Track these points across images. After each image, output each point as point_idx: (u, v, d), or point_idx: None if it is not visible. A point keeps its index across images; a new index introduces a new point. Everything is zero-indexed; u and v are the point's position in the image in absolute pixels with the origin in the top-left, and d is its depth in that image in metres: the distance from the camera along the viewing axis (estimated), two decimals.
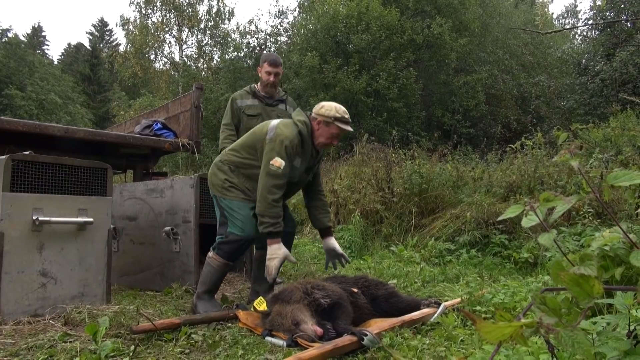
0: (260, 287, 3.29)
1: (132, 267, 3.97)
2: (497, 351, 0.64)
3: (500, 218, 0.99)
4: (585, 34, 20.55)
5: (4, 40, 32.89)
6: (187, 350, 2.23)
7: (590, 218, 4.14)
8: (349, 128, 3.13)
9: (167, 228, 3.66)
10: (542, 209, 0.88)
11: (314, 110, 3.15)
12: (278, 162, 2.92)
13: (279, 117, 4.01)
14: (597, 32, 17.73)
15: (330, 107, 3.10)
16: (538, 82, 17.77)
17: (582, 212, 4.25)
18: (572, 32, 23.03)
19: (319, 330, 2.28)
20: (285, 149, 2.94)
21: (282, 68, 4.27)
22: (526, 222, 0.92)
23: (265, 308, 2.54)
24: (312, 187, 3.43)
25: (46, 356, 2.04)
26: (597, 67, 14.35)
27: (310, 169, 3.27)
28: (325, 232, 3.38)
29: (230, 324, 2.67)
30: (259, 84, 4.25)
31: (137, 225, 3.98)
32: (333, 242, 3.33)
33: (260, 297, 2.74)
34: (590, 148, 6.32)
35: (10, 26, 46.50)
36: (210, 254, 3.07)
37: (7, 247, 2.60)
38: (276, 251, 2.90)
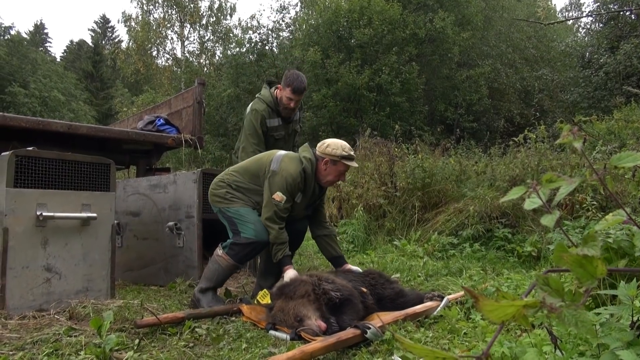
0: (265, 283, 3.30)
1: (135, 262, 3.98)
2: (500, 331, 0.64)
3: (502, 200, 0.98)
4: (589, 26, 20.45)
5: (6, 37, 32.94)
6: (191, 344, 2.24)
7: (593, 211, 4.13)
8: (355, 164, 3.19)
9: (171, 223, 3.67)
10: (545, 191, 0.87)
11: (318, 150, 3.17)
12: (279, 196, 3.01)
13: (295, 131, 4.07)
14: (600, 25, 17.62)
15: (336, 146, 3.12)
16: (541, 76, 17.70)
17: (585, 205, 4.24)
18: (576, 25, 22.92)
19: (323, 325, 2.29)
20: (287, 185, 3.01)
21: (305, 93, 4.00)
22: (529, 205, 0.91)
23: (269, 301, 2.55)
24: (316, 218, 3.45)
25: (51, 350, 2.06)
26: (601, 60, 14.28)
27: (310, 206, 3.32)
28: (339, 262, 3.37)
29: (234, 318, 2.68)
30: (279, 97, 3.86)
31: (141, 221, 3.99)
32: (352, 267, 3.30)
33: (265, 290, 2.75)
34: (594, 141, 6.29)
35: (12, 23, 46.67)
36: (220, 252, 3.05)
37: (12, 243, 2.61)
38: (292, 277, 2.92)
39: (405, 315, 2.54)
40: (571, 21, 22.73)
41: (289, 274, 2.94)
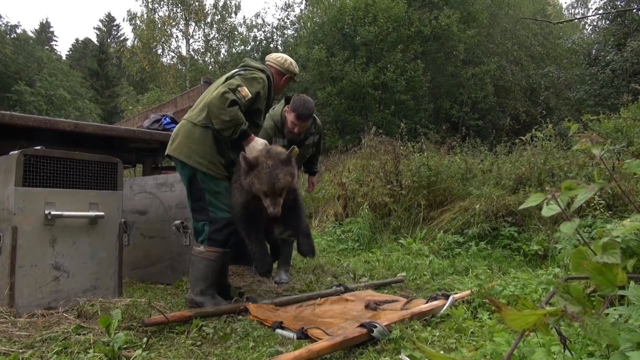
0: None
1: (142, 261, 4.00)
2: (520, 339, 0.64)
3: (521, 207, 0.98)
4: (595, 23, 20.30)
5: (12, 36, 33.10)
6: (198, 343, 2.26)
7: (601, 210, 4.11)
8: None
9: (177, 222, 3.68)
10: (564, 198, 0.88)
11: (277, 63, 3.27)
12: (244, 91, 2.80)
13: (304, 156, 3.99)
14: (607, 22, 17.49)
15: (295, 64, 3.35)
16: (547, 73, 17.60)
17: (593, 204, 4.22)
18: (582, 22, 22.75)
19: None
20: (254, 82, 2.91)
21: (311, 119, 3.76)
22: (547, 211, 0.91)
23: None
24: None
25: (60, 348, 2.07)
26: (608, 58, 14.18)
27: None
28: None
29: (240, 317, 2.69)
30: (285, 119, 3.75)
31: (148, 219, 4.00)
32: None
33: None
34: (601, 139, 6.24)
35: (18, 22, 46.90)
36: (201, 248, 2.87)
37: (21, 241, 2.63)
38: (255, 145, 2.80)
39: (411, 314, 2.54)
40: (578, 18, 22.58)
41: (259, 141, 2.85)
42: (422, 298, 3.12)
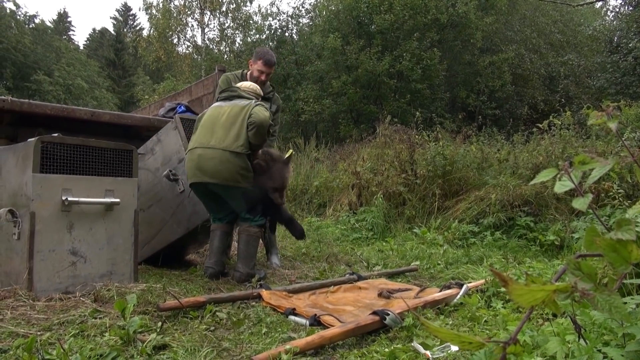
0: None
1: (148, 233, 3.95)
2: (528, 317, 0.63)
3: (531, 182, 0.95)
4: (618, 9, 19.77)
5: (31, 26, 33.50)
6: (212, 328, 2.28)
7: (620, 199, 4.03)
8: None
9: (165, 172, 3.69)
10: (577, 173, 0.85)
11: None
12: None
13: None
14: (630, 8, 17.03)
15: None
16: (567, 61, 17.22)
17: (611, 193, 4.14)
18: (604, 8, 22.18)
19: None
20: None
21: (275, 68, 4.17)
22: (559, 187, 0.88)
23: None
24: None
25: (77, 331, 2.11)
26: (630, 45, 13.82)
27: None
28: None
29: (254, 303, 2.71)
30: (248, 73, 4.10)
31: (142, 193, 3.97)
32: None
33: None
34: (622, 127, 6.11)
35: (37, 12, 47.23)
36: (256, 229, 3.43)
37: (39, 227, 2.68)
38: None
39: (424, 302, 2.53)
40: (599, 4, 22.02)
41: None
42: (436, 287, 3.10)
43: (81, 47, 44.59)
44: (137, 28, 43.55)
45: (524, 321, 0.63)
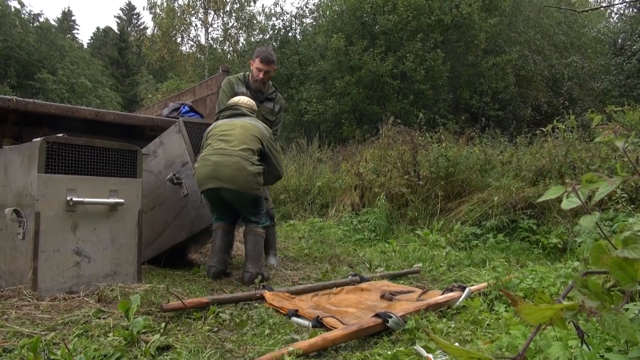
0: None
1: (151, 235, 3.96)
2: (536, 334, 0.63)
3: (540, 199, 0.96)
4: (622, 12, 19.72)
5: (35, 24, 33.59)
6: (215, 329, 2.29)
7: (623, 203, 4.02)
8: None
9: (169, 175, 3.70)
10: (584, 191, 0.85)
11: None
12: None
13: (265, 117, 4.08)
14: (635, 10, 16.98)
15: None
16: (571, 63, 17.19)
17: (615, 197, 4.13)
18: (609, 10, 22.12)
19: None
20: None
21: (274, 66, 4.18)
22: (566, 204, 0.89)
23: None
24: None
25: (81, 331, 2.12)
26: (634, 47, 13.80)
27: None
28: None
29: (256, 304, 2.72)
30: (250, 75, 4.14)
31: (144, 195, 4.00)
32: None
33: None
34: (625, 132, 6.09)
35: (41, 11, 47.49)
36: (261, 229, 3.55)
37: (43, 227, 2.69)
38: None
39: (427, 305, 2.53)
40: (604, 6, 21.94)
41: None
42: (438, 289, 3.10)
43: (85, 46, 44.67)
44: (141, 27, 43.64)
45: (532, 337, 0.63)
